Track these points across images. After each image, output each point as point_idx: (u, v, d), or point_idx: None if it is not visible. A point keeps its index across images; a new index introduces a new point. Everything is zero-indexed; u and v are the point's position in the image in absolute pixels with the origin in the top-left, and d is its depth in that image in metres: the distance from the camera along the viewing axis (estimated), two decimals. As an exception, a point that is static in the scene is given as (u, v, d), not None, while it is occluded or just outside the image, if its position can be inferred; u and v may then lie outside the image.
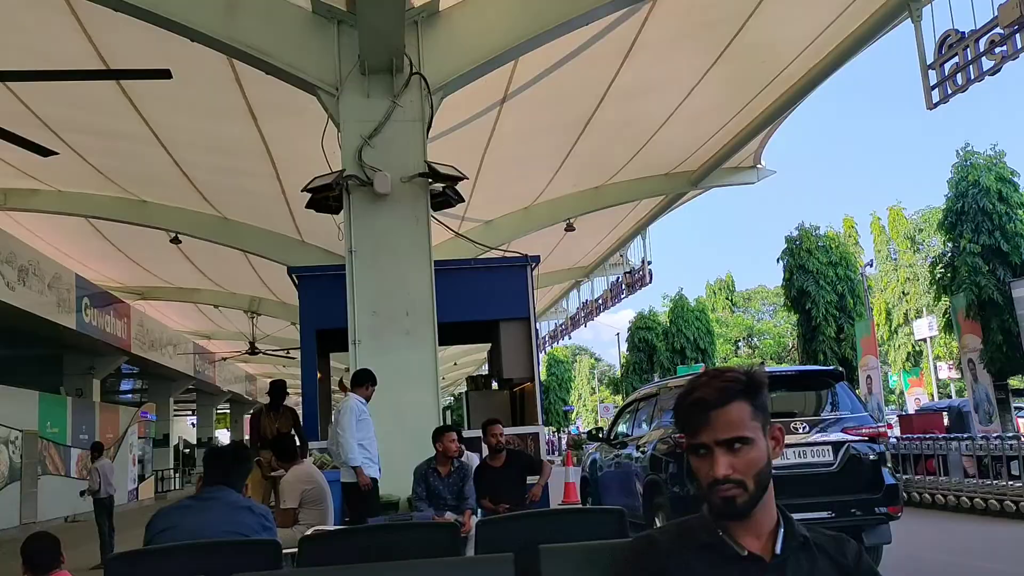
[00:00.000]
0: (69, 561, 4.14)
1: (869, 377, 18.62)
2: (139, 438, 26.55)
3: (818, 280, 21.97)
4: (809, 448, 7.15)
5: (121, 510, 22.08)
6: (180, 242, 17.39)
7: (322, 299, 9.85)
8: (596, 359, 72.08)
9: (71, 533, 13.47)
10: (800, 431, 7.12)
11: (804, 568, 1.62)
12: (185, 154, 13.33)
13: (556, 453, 36.45)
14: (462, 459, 6.86)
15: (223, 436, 44.16)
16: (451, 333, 10.37)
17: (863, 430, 7.33)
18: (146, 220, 16.55)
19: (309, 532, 3.13)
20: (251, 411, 41.18)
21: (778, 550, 1.62)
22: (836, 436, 7.24)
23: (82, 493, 12.91)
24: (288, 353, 27.27)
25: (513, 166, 15.22)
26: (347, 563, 2.06)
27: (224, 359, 33.72)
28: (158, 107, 11.45)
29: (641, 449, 8.44)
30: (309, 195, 8.40)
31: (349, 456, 6.71)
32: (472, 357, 35.39)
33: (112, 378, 27.78)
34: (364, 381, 7.05)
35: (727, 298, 55.05)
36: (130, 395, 35.86)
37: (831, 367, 12.90)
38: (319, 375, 10.70)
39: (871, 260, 28.59)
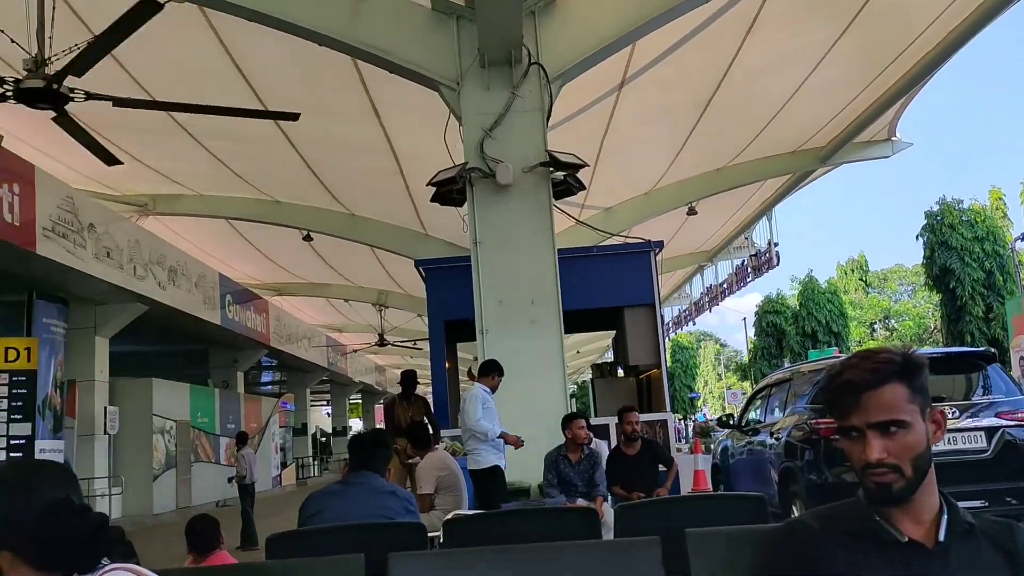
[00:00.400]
0: (216, 542, 4.41)
1: (1023, 358, 17.43)
2: (280, 427, 27.95)
3: (963, 257, 20.71)
4: (960, 434, 6.77)
5: (266, 496, 23.37)
6: (312, 239, 18.19)
7: (449, 290, 10.07)
8: (721, 345, 70.53)
9: (221, 517, 14.33)
10: (950, 416, 6.75)
11: (968, 556, 1.55)
12: (315, 155, 13.90)
13: (683, 441, 35.96)
14: (591, 446, 6.87)
15: (356, 425, 45.94)
16: (575, 321, 10.39)
17: (1019, 415, 6.87)
18: (280, 220, 17.40)
19: (449, 516, 3.23)
20: (381, 401, 42.51)
21: (941, 537, 1.55)
22: (989, 421, 6.82)
23: (230, 479, 13.72)
24: (415, 344, 28.04)
25: (633, 151, 15.06)
26: (492, 546, 2.12)
27: (355, 351, 35.01)
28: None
29: (775, 436, 8.21)
30: (433, 189, 8.59)
31: (481, 428, 6.78)
32: (594, 345, 35.31)
33: (254, 370, 29.34)
34: (490, 371, 7.16)
35: (861, 279, 52.63)
36: (270, 386, 37.81)
37: (982, 348, 12.15)
38: (447, 365, 10.96)
39: (1022, 233, 26.68)
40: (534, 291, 8.10)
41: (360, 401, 46.80)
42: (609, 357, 33.39)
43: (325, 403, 45.54)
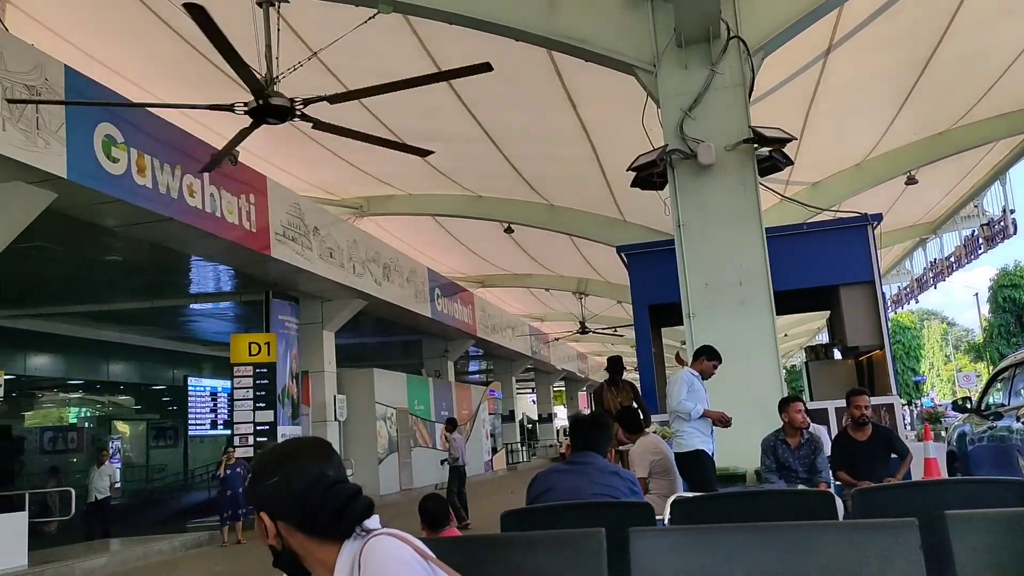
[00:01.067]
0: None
1: None
2: (489, 414, 28.97)
3: None
4: None
5: (479, 479, 24.35)
6: (513, 231, 18.69)
7: (652, 275, 9.99)
8: (949, 324, 64.75)
9: (442, 498, 15.13)
10: None
11: None
12: (514, 149, 14.25)
13: (909, 427, 33.45)
14: (810, 431, 6.57)
15: (560, 412, 46.70)
16: (785, 301, 9.97)
17: None
18: (483, 214, 18.02)
19: (673, 498, 3.23)
20: (584, 388, 42.87)
21: None
22: None
23: (443, 462, 14.43)
24: (616, 331, 28.05)
25: (842, 120, 14.18)
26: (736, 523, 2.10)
27: (556, 339, 35.57)
28: (489, 108, 12.38)
29: (1022, 420, 7.46)
30: (633, 174, 8.55)
31: (683, 408, 6.67)
32: (802, 328, 33.67)
33: (462, 360, 30.58)
34: (700, 355, 7.03)
35: (1117, 245, 46.28)
36: (477, 375, 39.30)
37: None
38: (653, 350, 10.88)
39: None
40: (742, 272, 7.85)
41: (563, 388, 47.52)
42: (820, 339, 31.68)
43: (530, 390, 46.65)
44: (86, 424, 24.87)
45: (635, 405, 8.88)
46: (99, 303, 18.17)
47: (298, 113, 7.80)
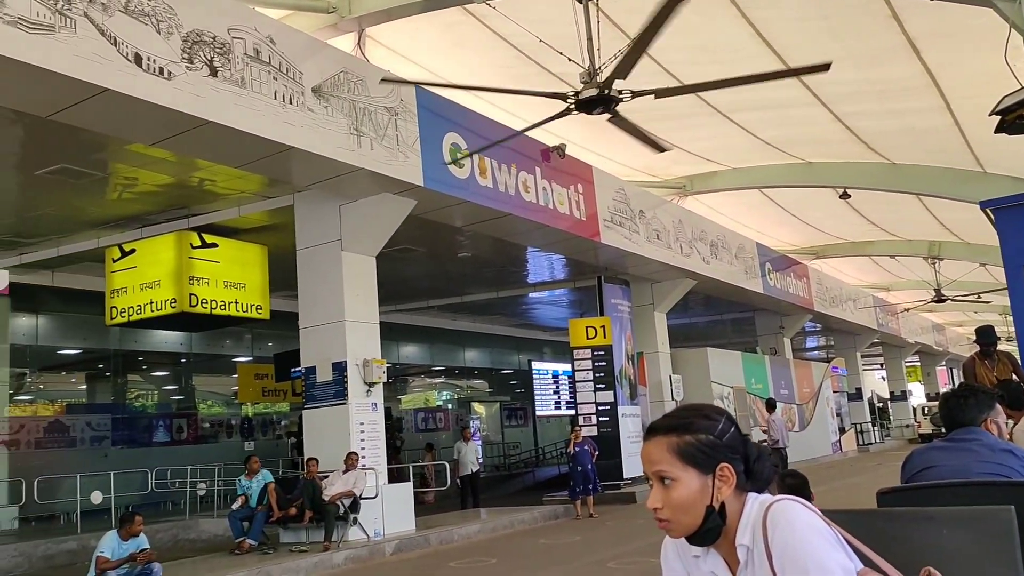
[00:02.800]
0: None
1: None
2: (833, 392, 27.31)
3: None
4: None
5: (826, 462, 23.06)
6: (849, 196, 17.39)
7: (1027, 230, 8.71)
8: None
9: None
10: None
11: None
12: (846, 107, 13.26)
13: None
14: None
15: (916, 389, 42.54)
16: None
17: None
18: (813, 181, 17.02)
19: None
20: (941, 363, 38.47)
21: None
22: None
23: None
24: (980, 297, 24.92)
25: None
26: None
27: (906, 310, 32.49)
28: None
29: None
30: (997, 119, 7.53)
31: None
32: None
33: (799, 336, 29.18)
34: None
35: None
36: (816, 351, 37.20)
37: None
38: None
39: None
40: None
41: (917, 364, 43.23)
42: None
43: (878, 367, 43.14)
44: (449, 406, 27.73)
45: (1015, 378, 7.82)
46: (454, 296, 20.18)
47: (624, 100, 7.94)
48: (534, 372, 24.66)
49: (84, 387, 19.61)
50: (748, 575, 1.58)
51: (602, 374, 16.13)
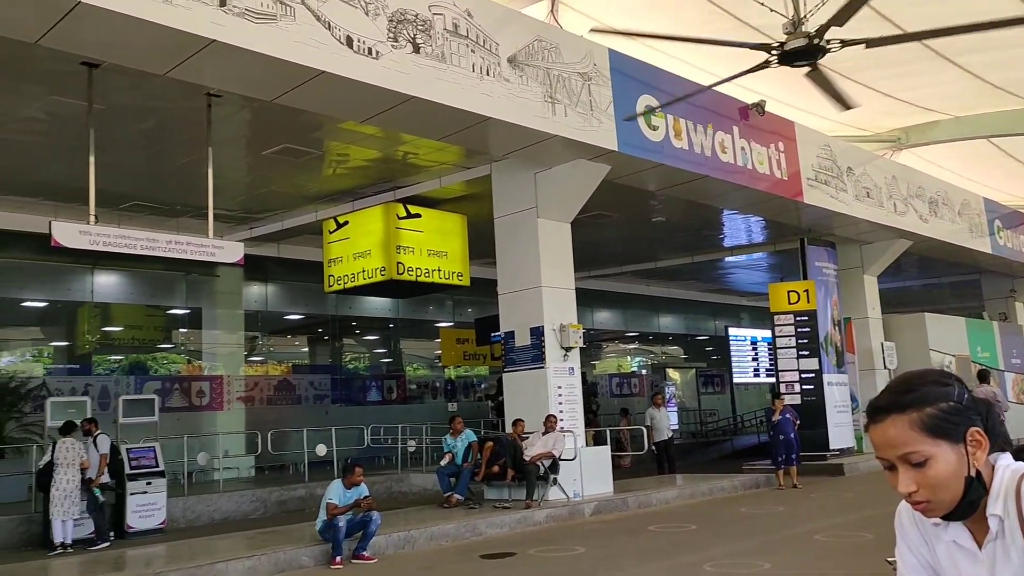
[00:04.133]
0: None
1: None
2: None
3: None
4: None
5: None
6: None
7: None
8: None
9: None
10: None
11: None
12: (1095, 40, 11.71)
13: None
14: None
15: None
16: None
17: None
18: (1052, 127, 15.23)
19: None
20: None
21: None
22: None
23: None
24: None
25: None
26: None
27: None
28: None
29: None
30: None
31: None
32: None
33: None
34: None
35: None
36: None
37: None
38: None
39: None
40: None
41: None
42: None
43: None
44: (643, 371, 27.64)
45: None
46: (648, 262, 20.02)
47: (833, 50, 7.48)
48: (731, 338, 24.04)
49: (306, 350, 21.36)
50: (998, 547, 1.47)
51: (805, 340, 15.42)
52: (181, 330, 17.41)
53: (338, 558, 7.69)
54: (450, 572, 7.32)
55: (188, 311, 17.04)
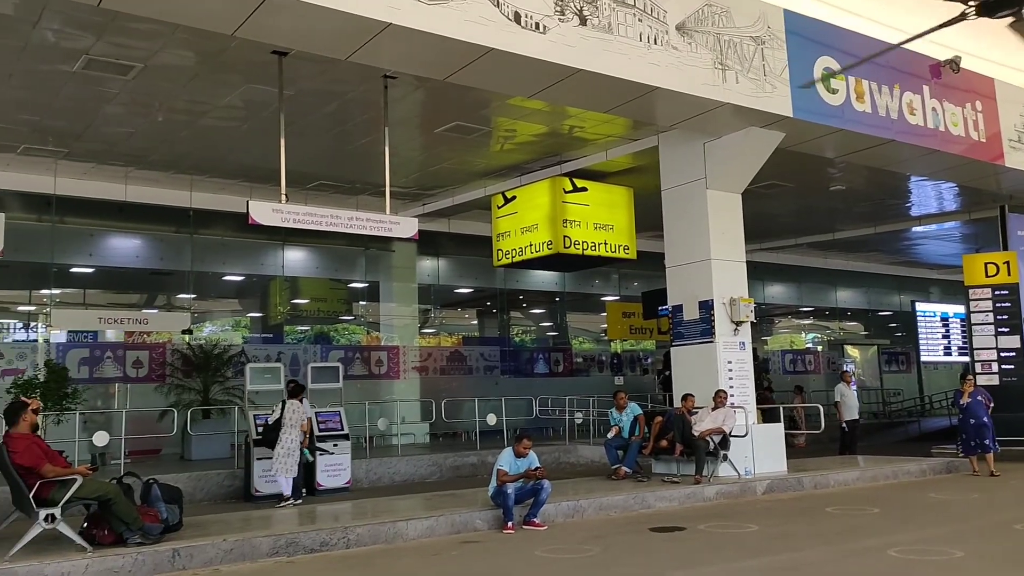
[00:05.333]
0: None
1: None
2: None
3: None
4: None
5: None
6: None
7: None
8: None
9: None
10: None
11: None
12: None
13: None
14: None
15: None
16: None
17: None
18: None
19: None
20: None
21: None
22: None
23: None
24: None
25: None
26: None
27: None
28: None
29: None
30: None
31: None
32: None
33: None
34: None
35: None
36: None
37: None
38: None
39: None
40: None
41: None
42: None
43: None
44: (819, 348, 26.42)
45: None
46: (825, 233, 19.07)
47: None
48: (918, 313, 22.51)
49: (475, 322, 21.99)
50: None
51: (1005, 316, 14.22)
52: (360, 303, 18.40)
53: (510, 523, 7.93)
54: (621, 543, 7.37)
55: (367, 284, 17.97)
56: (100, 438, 10.79)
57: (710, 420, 10.36)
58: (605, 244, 13.23)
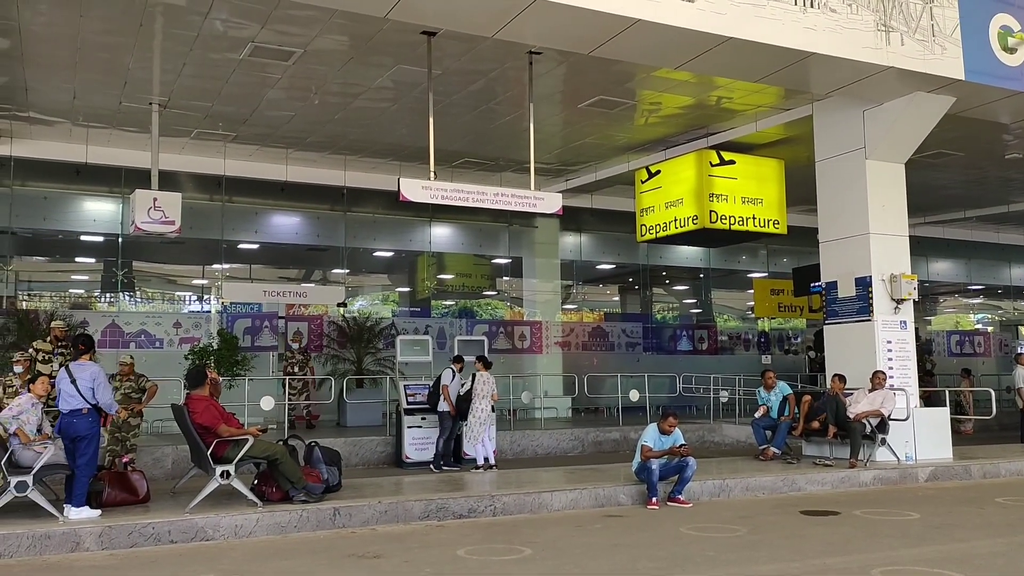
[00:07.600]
0: None
1: None
2: None
3: None
4: None
5: None
6: None
7: None
8: None
9: None
10: None
11: None
12: None
13: None
14: None
15: None
16: None
17: None
18: None
19: None
20: None
21: None
22: None
23: None
24: None
25: None
26: None
27: None
28: None
29: None
30: None
31: None
32: None
33: None
34: None
35: None
36: None
37: None
38: None
39: None
40: None
41: None
42: None
43: None
44: (989, 329, 24.57)
45: None
46: (999, 205, 17.68)
47: None
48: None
49: (617, 298, 21.85)
50: None
51: None
52: (504, 278, 18.68)
53: (654, 499, 7.90)
54: (769, 524, 7.19)
55: (509, 260, 18.21)
56: (266, 402, 11.53)
57: (867, 402, 9.88)
58: (753, 219, 12.81)
